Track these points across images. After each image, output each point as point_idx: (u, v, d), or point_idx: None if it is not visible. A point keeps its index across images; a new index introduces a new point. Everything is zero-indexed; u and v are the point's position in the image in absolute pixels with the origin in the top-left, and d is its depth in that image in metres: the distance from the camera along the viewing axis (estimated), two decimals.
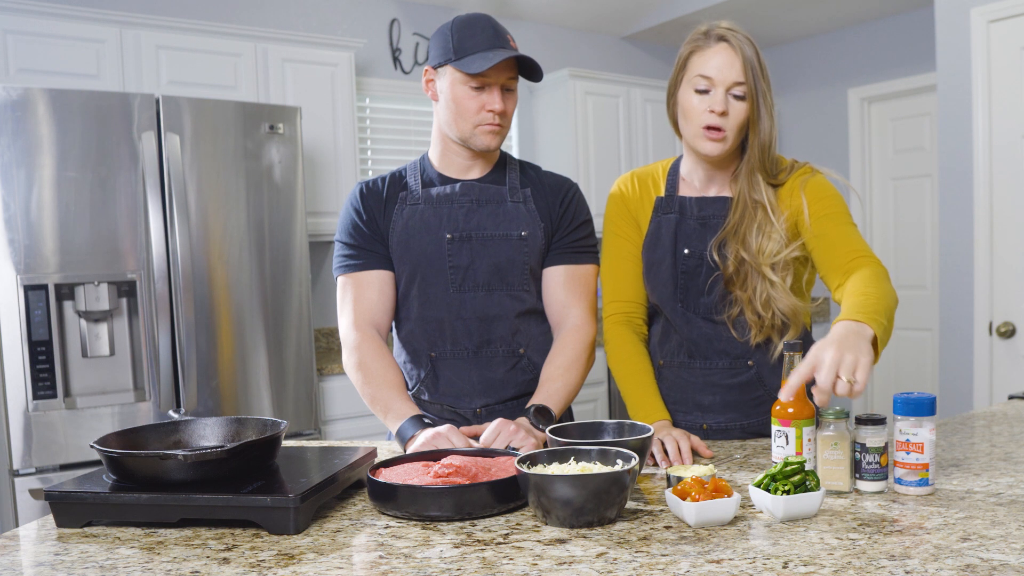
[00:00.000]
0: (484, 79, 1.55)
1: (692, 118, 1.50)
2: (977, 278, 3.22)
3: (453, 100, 1.57)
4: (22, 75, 2.91)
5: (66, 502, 1.15)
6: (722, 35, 1.48)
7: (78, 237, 2.62)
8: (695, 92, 1.49)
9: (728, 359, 1.60)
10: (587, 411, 3.98)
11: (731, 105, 1.47)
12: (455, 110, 1.58)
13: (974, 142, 3.18)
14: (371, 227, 1.65)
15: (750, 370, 1.60)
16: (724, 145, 1.49)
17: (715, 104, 1.46)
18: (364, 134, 4.06)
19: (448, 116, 1.60)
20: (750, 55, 1.46)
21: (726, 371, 1.60)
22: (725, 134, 1.48)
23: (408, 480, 1.18)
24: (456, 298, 1.63)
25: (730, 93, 1.47)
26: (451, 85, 1.57)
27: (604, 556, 0.97)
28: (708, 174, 1.60)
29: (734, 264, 1.53)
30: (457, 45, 1.55)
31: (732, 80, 1.46)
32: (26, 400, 2.55)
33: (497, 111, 1.56)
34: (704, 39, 1.49)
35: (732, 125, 1.48)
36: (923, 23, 4.33)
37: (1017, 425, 1.67)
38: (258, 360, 2.96)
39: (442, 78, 1.59)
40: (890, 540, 1.00)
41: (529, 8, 4.38)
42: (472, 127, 1.58)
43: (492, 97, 1.56)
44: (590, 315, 1.69)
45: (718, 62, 1.47)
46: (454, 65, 1.55)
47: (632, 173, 1.70)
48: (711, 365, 1.61)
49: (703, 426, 1.64)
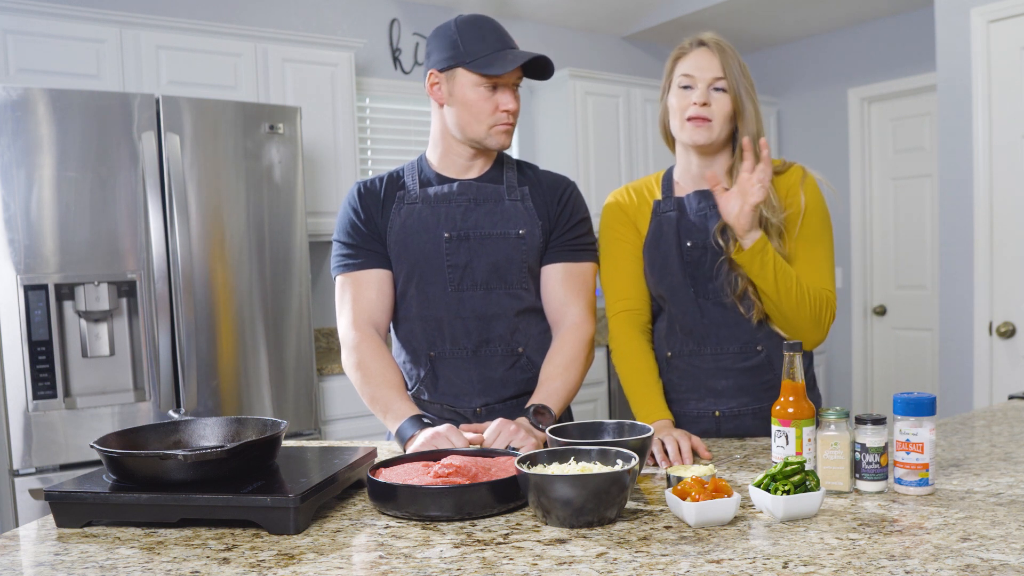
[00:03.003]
0: (499, 80, 1.56)
1: (678, 112, 1.62)
2: (977, 278, 3.22)
3: (467, 102, 1.58)
4: (22, 75, 2.91)
5: (66, 502, 1.15)
6: (701, 40, 1.62)
7: (78, 237, 2.62)
8: (680, 89, 1.62)
9: (738, 344, 1.63)
10: (587, 411, 3.98)
11: (713, 97, 1.59)
12: (471, 112, 1.58)
13: (974, 142, 3.18)
14: (369, 226, 1.65)
15: (759, 354, 1.63)
16: (710, 133, 1.59)
17: (697, 96, 1.59)
18: (364, 134, 4.06)
19: (461, 118, 1.60)
20: (729, 54, 1.60)
21: (737, 355, 1.64)
22: (710, 123, 1.59)
23: (408, 480, 1.18)
24: (455, 297, 1.63)
25: (711, 88, 1.59)
26: (464, 87, 1.57)
27: (604, 556, 0.98)
28: (702, 171, 1.66)
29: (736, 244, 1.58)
30: (467, 48, 1.55)
31: (712, 76, 1.59)
32: (26, 400, 2.55)
33: (512, 111, 1.59)
34: (686, 47, 1.64)
35: (717, 114, 1.59)
36: (923, 23, 4.33)
37: (1017, 425, 1.67)
38: (258, 360, 2.96)
39: (452, 81, 1.59)
40: (890, 540, 1.00)
41: (529, 8, 4.38)
42: (487, 128, 1.59)
43: (507, 97, 1.58)
44: (588, 313, 1.69)
45: (698, 61, 1.60)
46: (469, 67, 1.55)
47: (625, 186, 1.78)
48: (722, 350, 1.64)
49: (715, 413, 1.66)
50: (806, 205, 1.60)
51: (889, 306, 4.75)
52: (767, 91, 5.16)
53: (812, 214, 1.60)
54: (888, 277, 4.75)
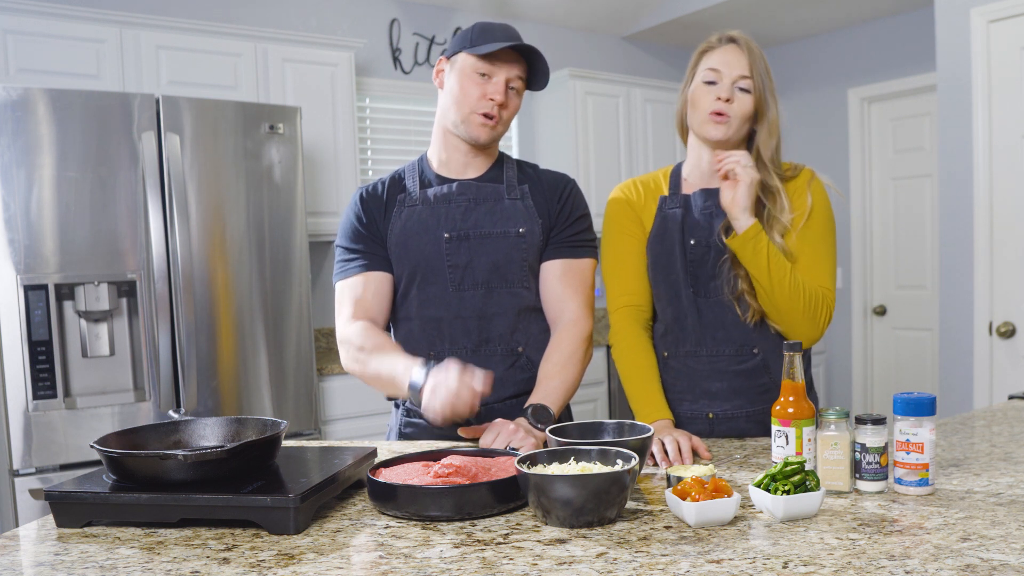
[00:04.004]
0: (491, 67, 1.59)
1: (700, 106, 1.61)
2: (977, 278, 3.22)
3: (458, 83, 1.62)
4: (22, 75, 2.91)
5: (66, 502, 1.15)
6: (732, 37, 1.62)
7: (78, 237, 2.62)
8: (704, 83, 1.61)
9: (734, 346, 1.63)
10: (587, 411, 3.97)
11: (736, 96, 1.59)
12: (457, 93, 1.61)
13: (974, 142, 3.18)
14: (371, 230, 1.66)
15: (755, 357, 1.63)
16: (728, 130, 1.60)
17: (721, 92, 1.58)
18: (364, 134, 4.06)
19: (450, 100, 1.63)
20: (756, 55, 1.60)
21: (732, 358, 1.64)
22: (729, 120, 1.59)
23: (408, 480, 1.18)
24: (455, 297, 1.63)
25: (736, 85, 1.58)
26: (460, 70, 1.62)
27: (604, 556, 0.97)
28: (711, 168, 1.66)
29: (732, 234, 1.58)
30: (475, 37, 1.62)
31: (738, 73, 1.58)
32: (26, 400, 2.55)
33: (498, 101, 1.60)
34: (715, 42, 1.63)
35: (737, 113, 1.59)
36: (923, 23, 4.33)
37: (1017, 425, 1.67)
38: (258, 360, 2.96)
39: (453, 66, 1.64)
40: (890, 540, 1.00)
41: (529, 8, 4.38)
42: (468, 112, 1.61)
43: (496, 87, 1.60)
44: (587, 309, 1.69)
45: (726, 58, 1.60)
46: (467, 51, 1.61)
47: (633, 180, 1.77)
48: (718, 352, 1.64)
49: (709, 415, 1.65)
50: (812, 206, 1.61)
51: (889, 306, 4.75)
52: None
53: (816, 215, 1.61)
54: (888, 277, 4.75)
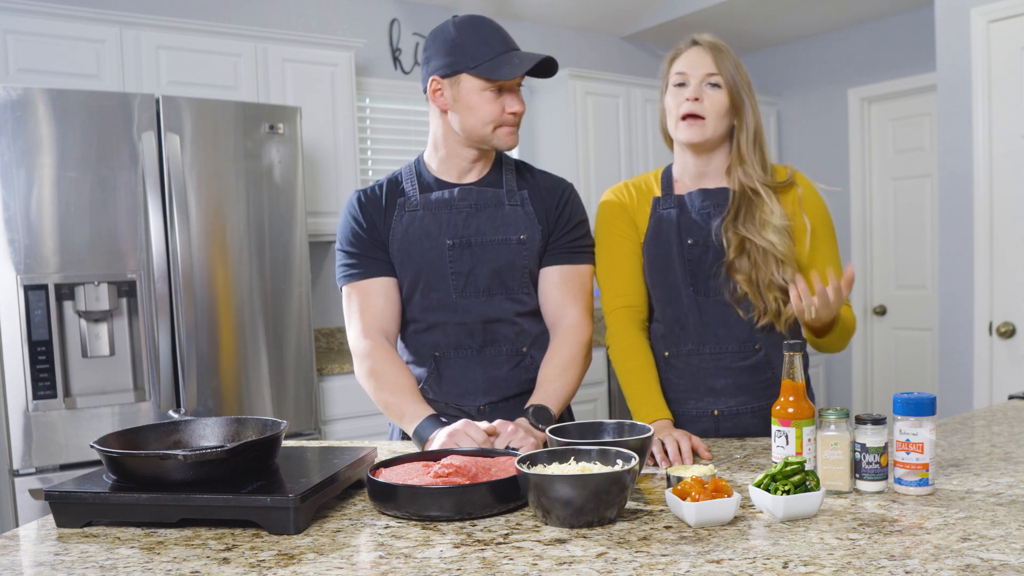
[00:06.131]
0: (505, 83, 1.56)
1: (672, 110, 1.63)
2: (977, 278, 3.22)
3: (474, 106, 1.57)
4: (22, 75, 2.91)
5: (66, 502, 1.15)
6: (694, 40, 1.64)
7: (78, 237, 2.62)
8: (674, 88, 1.63)
9: (737, 343, 1.64)
10: (587, 411, 3.98)
11: (706, 93, 1.59)
12: (477, 116, 1.57)
13: (974, 142, 3.18)
14: (371, 234, 1.65)
15: (758, 353, 1.64)
16: (703, 131, 1.60)
17: (690, 92, 1.59)
18: (364, 134, 4.06)
19: (467, 122, 1.59)
20: (723, 52, 1.61)
21: (736, 355, 1.64)
22: (704, 121, 1.59)
23: (408, 480, 1.18)
24: (458, 303, 1.64)
25: (704, 83, 1.60)
26: (469, 92, 1.56)
27: (604, 556, 0.98)
28: (699, 170, 1.67)
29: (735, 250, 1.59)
30: (470, 51, 1.55)
31: (704, 71, 1.59)
32: (26, 400, 2.55)
33: (519, 112, 1.60)
34: (681, 48, 1.65)
35: (710, 110, 1.59)
36: (923, 23, 4.33)
37: (1017, 425, 1.67)
38: (258, 360, 2.96)
39: (456, 86, 1.57)
40: (890, 540, 1.00)
41: (529, 8, 4.37)
42: (493, 130, 1.59)
43: (513, 100, 1.59)
44: (586, 315, 1.69)
45: (691, 59, 1.62)
46: (474, 72, 1.54)
47: (624, 183, 1.77)
48: (721, 350, 1.64)
49: (714, 412, 1.66)
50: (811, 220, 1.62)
51: (889, 306, 4.75)
52: (767, 91, 5.16)
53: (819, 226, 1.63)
54: (888, 277, 4.75)
